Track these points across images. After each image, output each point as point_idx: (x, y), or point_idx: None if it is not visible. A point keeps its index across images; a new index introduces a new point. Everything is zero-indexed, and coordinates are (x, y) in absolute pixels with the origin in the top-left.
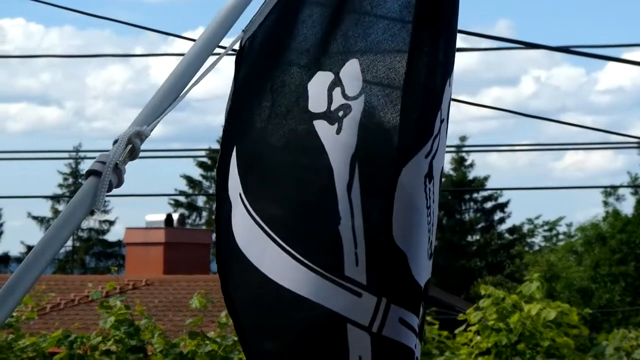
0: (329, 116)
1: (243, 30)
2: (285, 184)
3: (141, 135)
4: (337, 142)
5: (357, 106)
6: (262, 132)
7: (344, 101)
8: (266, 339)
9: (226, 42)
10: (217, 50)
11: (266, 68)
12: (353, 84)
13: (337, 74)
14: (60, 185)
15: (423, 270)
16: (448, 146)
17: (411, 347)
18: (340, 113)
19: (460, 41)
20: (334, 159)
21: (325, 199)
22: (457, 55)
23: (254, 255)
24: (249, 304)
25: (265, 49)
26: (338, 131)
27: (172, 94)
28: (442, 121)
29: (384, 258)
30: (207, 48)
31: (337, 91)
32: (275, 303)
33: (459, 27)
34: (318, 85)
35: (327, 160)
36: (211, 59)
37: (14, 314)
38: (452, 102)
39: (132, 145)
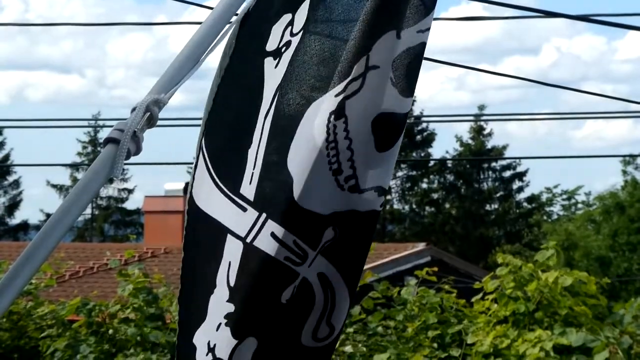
0: (276, 52)
1: None
2: (228, 113)
3: (159, 103)
4: (272, 75)
5: (295, 41)
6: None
7: (289, 38)
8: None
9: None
10: (235, 18)
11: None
12: (300, 21)
13: (293, 14)
14: (79, 154)
15: (322, 198)
16: (466, 115)
17: (278, 258)
18: (283, 49)
19: (482, 10)
20: (266, 89)
21: (249, 126)
22: (479, 24)
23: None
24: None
25: (263, 7)
26: (276, 65)
27: (189, 62)
28: (369, 67)
29: (272, 178)
30: (225, 16)
31: (288, 30)
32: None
33: None
34: (278, 27)
35: (262, 92)
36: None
37: (33, 281)
38: (472, 72)
39: (150, 113)
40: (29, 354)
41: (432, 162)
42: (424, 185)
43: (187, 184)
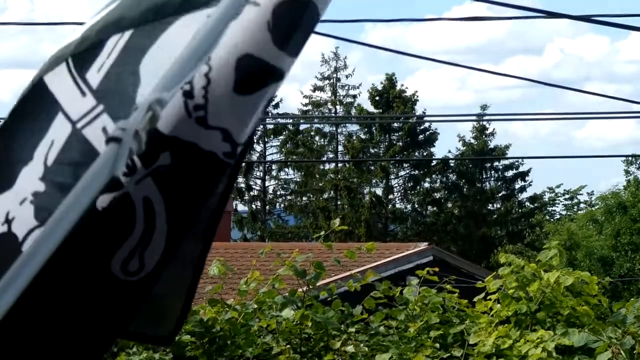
0: None
1: None
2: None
3: (161, 102)
4: None
5: None
6: None
7: None
8: None
9: None
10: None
11: None
12: None
13: None
14: None
15: (165, 114)
16: (469, 115)
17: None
18: None
19: (486, 10)
20: None
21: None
22: (482, 24)
23: None
24: None
25: None
26: None
27: (192, 61)
28: (248, 1)
29: (120, 72)
30: (227, 15)
31: None
32: None
33: None
34: None
35: None
36: None
37: None
38: (474, 72)
39: (152, 112)
40: None
41: (434, 162)
42: (426, 185)
43: None
